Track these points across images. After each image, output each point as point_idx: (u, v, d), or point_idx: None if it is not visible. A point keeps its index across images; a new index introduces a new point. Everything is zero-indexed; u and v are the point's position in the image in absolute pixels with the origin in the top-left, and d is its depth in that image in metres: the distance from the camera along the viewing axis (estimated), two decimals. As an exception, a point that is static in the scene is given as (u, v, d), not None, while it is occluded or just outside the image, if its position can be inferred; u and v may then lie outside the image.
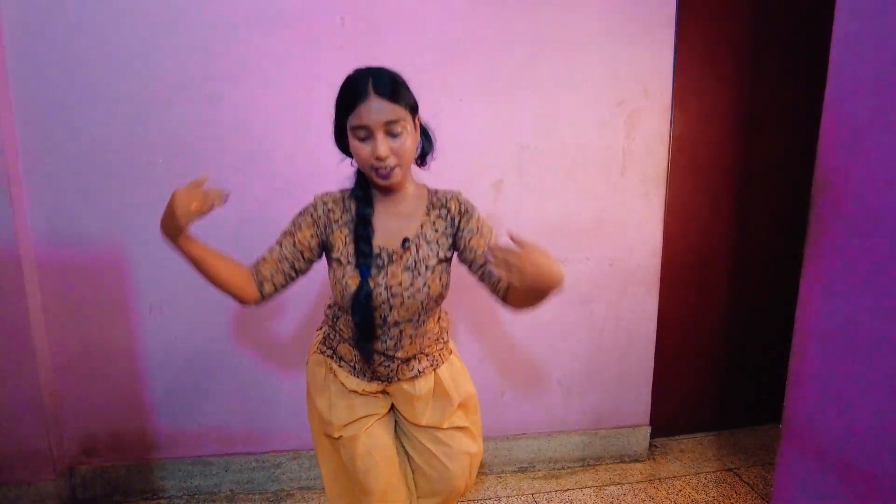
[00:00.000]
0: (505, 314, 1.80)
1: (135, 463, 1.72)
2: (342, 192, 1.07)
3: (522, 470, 1.92)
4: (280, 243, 1.04)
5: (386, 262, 1.02)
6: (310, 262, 1.07)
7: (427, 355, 1.13)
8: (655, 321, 1.91)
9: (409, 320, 1.05)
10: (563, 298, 1.83)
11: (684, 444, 2.10)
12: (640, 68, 1.72)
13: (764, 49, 1.88)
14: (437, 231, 1.05)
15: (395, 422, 1.20)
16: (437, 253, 1.04)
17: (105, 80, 1.50)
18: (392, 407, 1.19)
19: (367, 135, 0.93)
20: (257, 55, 1.54)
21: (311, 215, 1.04)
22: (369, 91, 0.90)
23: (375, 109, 0.91)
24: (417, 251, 1.03)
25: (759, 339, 2.13)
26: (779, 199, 2.01)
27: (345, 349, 1.10)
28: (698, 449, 2.06)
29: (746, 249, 2.03)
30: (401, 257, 1.02)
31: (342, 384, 1.11)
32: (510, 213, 1.74)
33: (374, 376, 1.10)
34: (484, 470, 1.89)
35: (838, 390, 1.07)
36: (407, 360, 1.10)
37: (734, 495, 1.75)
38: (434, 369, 1.14)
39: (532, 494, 1.78)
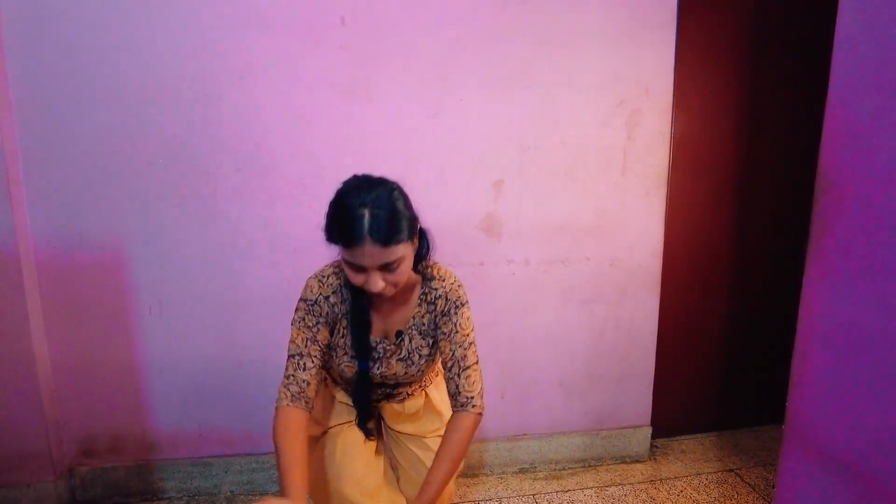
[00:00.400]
0: (504, 315, 1.79)
1: (134, 464, 1.71)
2: (335, 272, 1.03)
3: (523, 471, 1.91)
4: (310, 355, 0.98)
5: (382, 355, 1.04)
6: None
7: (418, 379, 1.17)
8: (656, 321, 1.90)
9: (405, 384, 1.12)
10: (564, 299, 1.82)
11: (685, 444, 2.10)
12: (640, 68, 1.71)
13: (765, 48, 1.88)
14: (425, 324, 1.06)
15: (383, 430, 1.24)
16: (429, 343, 1.07)
17: (105, 80, 1.50)
18: (379, 416, 1.23)
19: (361, 269, 0.88)
20: (257, 55, 1.54)
21: (321, 314, 1.00)
22: (364, 236, 0.83)
23: (370, 254, 0.84)
24: (410, 342, 1.05)
25: (761, 339, 2.12)
26: (780, 198, 2.01)
27: (338, 375, 1.14)
28: (699, 450, 2.05)
29: (748, 249, 2.03)
30: (394, 352, 1.05)
31: (333, 396, 1.16)
32: (510, 213, 1.73)
33: None
34: (485, 471, 1.88)
35: (841, 391, 1.07)
36: (400, 391, 1.16)
37: (735, 496, 1.74)
38: (423, 389, 1.19)
39: (533, 495, 1.77)
